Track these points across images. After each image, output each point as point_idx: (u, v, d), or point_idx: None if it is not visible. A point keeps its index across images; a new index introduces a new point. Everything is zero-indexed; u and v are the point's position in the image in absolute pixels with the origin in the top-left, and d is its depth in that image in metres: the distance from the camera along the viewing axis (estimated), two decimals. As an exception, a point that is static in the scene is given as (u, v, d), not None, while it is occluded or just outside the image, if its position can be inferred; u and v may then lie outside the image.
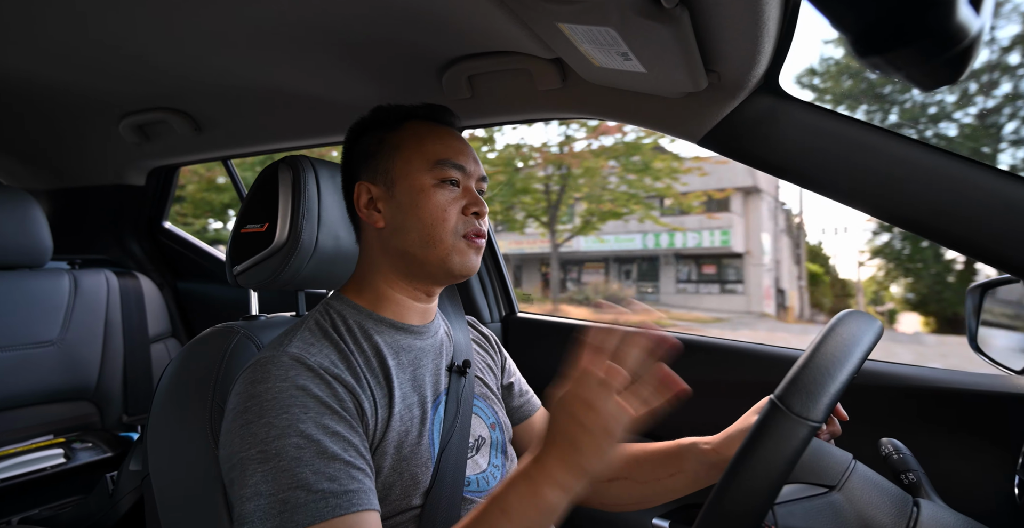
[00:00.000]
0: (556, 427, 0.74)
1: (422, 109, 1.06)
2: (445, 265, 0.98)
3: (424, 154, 0.99)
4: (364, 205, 1.02)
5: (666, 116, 1.20)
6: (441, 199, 0.98)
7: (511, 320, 1.88)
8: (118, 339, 1.99)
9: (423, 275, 1.00)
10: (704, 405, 1.46)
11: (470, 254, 0.99)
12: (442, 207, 0.97)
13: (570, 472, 0.73)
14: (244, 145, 1.82)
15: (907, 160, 1.00)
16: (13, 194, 1.76)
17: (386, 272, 1.01)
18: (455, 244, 0.98)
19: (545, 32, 0.97)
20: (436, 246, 0.97)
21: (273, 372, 0.83)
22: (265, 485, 0.75)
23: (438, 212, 0.97)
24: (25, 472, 1.63)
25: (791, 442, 0.62)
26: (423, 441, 0.93)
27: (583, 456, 0.72)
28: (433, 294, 1.05)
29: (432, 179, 0.98)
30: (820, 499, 0.74)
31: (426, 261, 0.98)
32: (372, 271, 1.02)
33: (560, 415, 0.74)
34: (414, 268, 1.00)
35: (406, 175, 0.99)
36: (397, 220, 0.99)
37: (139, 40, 1.19)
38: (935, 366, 1.29)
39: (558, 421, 0.74)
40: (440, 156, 0.99)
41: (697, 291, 21.91)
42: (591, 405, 0.71)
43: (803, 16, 0.98)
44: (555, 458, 0.73)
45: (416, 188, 0.98)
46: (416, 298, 1.03)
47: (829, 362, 0.66)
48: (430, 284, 1.03)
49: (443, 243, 0.97)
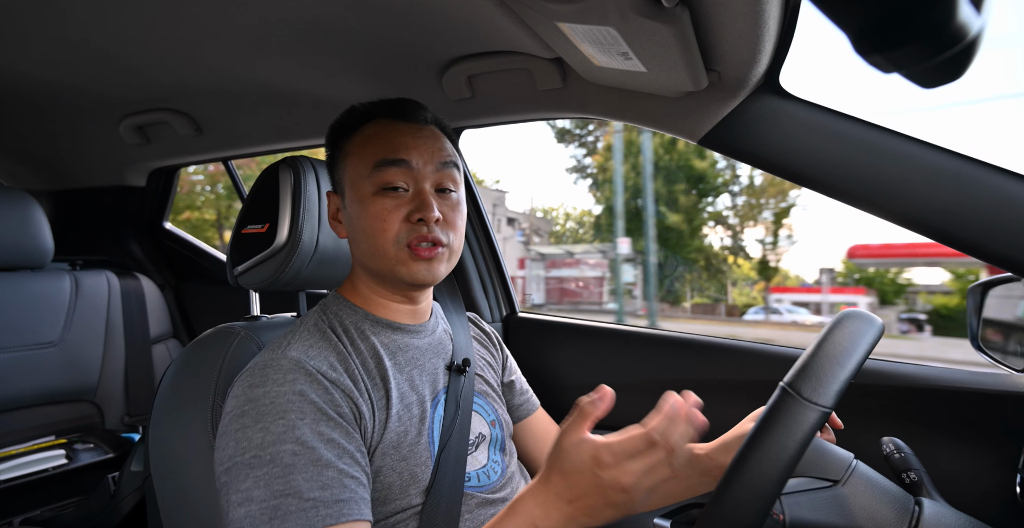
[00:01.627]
0: (575, 481, 0.71)
1: (383, 106, 1.01)
2: (394, 275, 0.95)
3: (364, 159, 0.95)
4: (332, 216, 1.02)
5: (666, 115, 1.20)
6: (379, 208, 0.93)
7: (512, 319, 1.88)
8: (119, 340, 1.99)
9: (386, 283, 0.99)
10: (707, 404, 1.46)
11: (416, 265, 0.94)
12: (381, 217, 0.93)
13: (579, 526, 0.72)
14: (244, 146, 1.82)
15: (909, 159, 1.00)
16: (14, 195, 1.76)
17: (365, 278, 1.01)
18: (397, 255, 0.93)
19: (545, 32, 0.97)
20: (380, 258, 0.94)
21: (271, 376, 0.83)
22: (257, 491, 0.75)
23: (377, 223, 0.93)
24: (27, 473, 1.63)
25: (801, 426, 0.62)
26: (422, 440, 0.93)
27: (599, 519, 0.71)
28: (414, 298, 1.03)
29: (372, 186, 0.94)
30: (826, 492, 0.74)
31: (378, 271, 0.96)
32: (357, 276, 1.03)
33: (585, 479, 0.70)
34: (376, 277, 0.99)
35: (351, 184, 0.97)
36: (351, 231, 0.98)
37: (139, 41, 1.19)
38: (938, 365, 1.28)
39: (581, 484, 0.71)
40: (378, 156, 0.94)
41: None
42: (627, 489, 0.69)
43: (804, 15, 0.98)
44: (568, 517, 0.72)
45: (359, 197, 0.95)
46: (399, 301, 1.03)
47: (838, 351, 0.67)
48: (401, 289, 1.00)
49: (386, 255, 0.94)
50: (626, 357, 1.61)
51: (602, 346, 1.66)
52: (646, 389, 1.56)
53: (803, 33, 1.00)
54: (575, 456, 0.71)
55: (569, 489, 0.71)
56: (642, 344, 1.61)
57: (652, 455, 0.69)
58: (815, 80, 59.49)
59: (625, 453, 0.69)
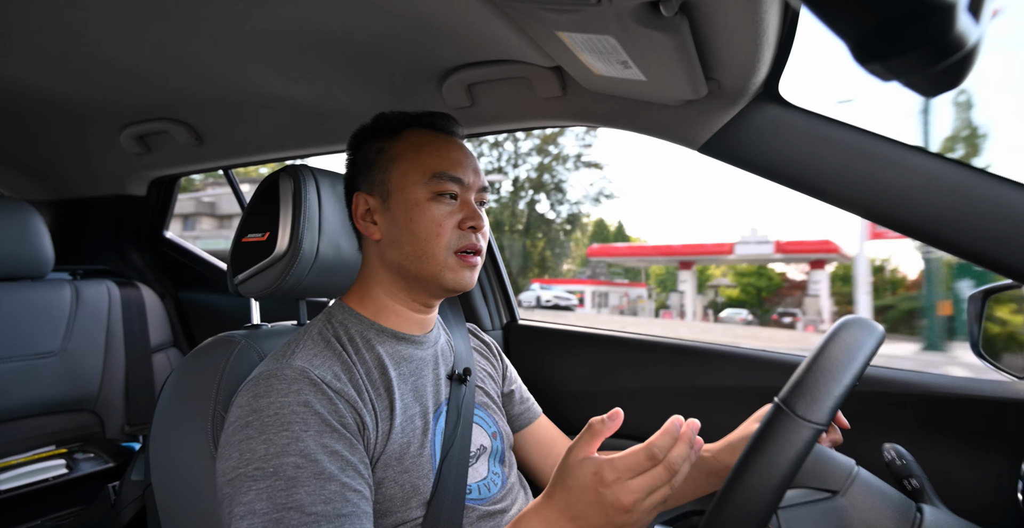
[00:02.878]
0: (581, 499, 0.72)
1: (423, 117, 1.04)
2: (438, 280, 0.97)
3: (420, 166, 0.98)
4: (361, 216, 1.01)
5: (666, 124, 1.20)
6: (436, 213, 0.96)
7: (512, 327, 1.88)
8: (119, 349, 1.99)
9: (419, 288, 1.00)
10: (705, 411, 1.46)
11: (463, 271, 0.98)
12: (437, 221, 0.96)
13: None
14: (245, 155, 1.82)
15: (908, 167, 1.00)
16: (14, 205, 1.76)
17: (385, 283, 1.01)
18: (447, 260, 0.96)
19: (545, 40, 0.98)
20: (429, 261, 0.96)
21: (276, 386, 0.83)
22: (259, 504, 0.75)
23: (432, 227, 0.96)
24: (27, 483, 1.62)
25: (795, 444, 0.62)
26: (424, 452, 0.93)
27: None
28: (432, 306, 1.05)
29: (427, 192, 0.96)
30: (824, 504, 0.74)
31: (420, 275, 0.97)
32: (372, 281, 1.02)
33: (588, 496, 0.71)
34: (410, 281, 0.99)
35: (402, 188, 0.98)
36: (392, 233, 0.98)
37: (139, 51, 1.20)
38: (937, 372, 1.28)
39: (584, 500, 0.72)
40: (437, 169, 0.97)
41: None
42: (628, 509, 0.69)
43: (803, 24, 0.98)
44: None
45: (411, 201, 0.97)
46: (415, 310, 1.03)
47: (833, 366, 0.67)
48: (427, 297, 1.02)
49: (436, 259, 0.96)
50: (626, 364, 1.61)
51: (602, 353, 1.66)
52: (647, 396, 1.56)
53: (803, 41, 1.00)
54: (579, 472, 0.72)
55: (571, 507, 0.72)
56: (642, 351, 1.61)
57: (653, 473, 0.70)
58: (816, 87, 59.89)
59: (628, 469, 0.70)
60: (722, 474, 1.01)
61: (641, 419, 1.54)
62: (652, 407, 1.53)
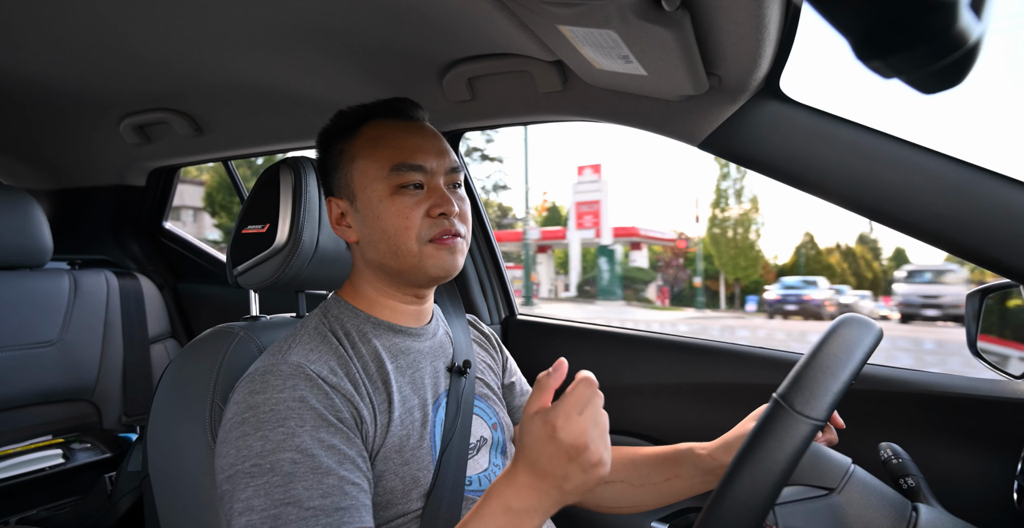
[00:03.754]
0: (542, 453, 0.72)
1: (379, 106, 1.01)
2: (420, 271, 0.95)
3: (378, 161, 0.95)
4: (336, 221, 1.00)
5: (666, 119, 1.20)
6: (401, 206, 0.93)
7: (511, 322, 1.88)
8: (118, 340, 1.99)
9: (405, 282, 0.99)
10: (703, 408, 1.46)
11: (442, 255, 0.95)
12: (403, 214, 0.93)
13: (552, 501, 0.73)
14: (244, 146, 1.82)
15: (908, 164, 1.00)
16: (13, 194, 1.76)
17: (373, 281, 1.01)
18: (422, 250, 0.94)
19: (546, 34, 0.97)
20: (405, 256, 0.94)
21: (272, 382, 0.83)
22: (257, 500, 0.75)
23: (400, 220, 0.93)
24: (24, 472, 1.62)
25: (794, 439, 0.62)
26: (424, 444, 0.93)
27: (568, 492, 0.72)
28: (424, 296, 1.04)
29: (389, 187, 0.94)
30: (820, 501, 0.74)
31: (401, 270, 0.96)
32: (361, 279, 1.02)
33: (551, 447, 0.71)
34: (394, 277, 0.98)
35: (364, 186, 0.96)
36: (365, 233, 0.97)
37: (140, 41, 1.19)
38: (935, 370, 1.28)
39: (545, 450, 0.72)
40: (394, 160, 0.94)
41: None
42: (585, 445, 0.70)
43: (804, 19, 0.98)
44: (539, 490, 0.73)
45: (375, 199, 0.94)
46: (408, 301, 1.02)
47: (831, 362, 0.67)
48: (416, 288, 1.01)
49: (411, 252, 0.94)
50: (625, 359, 1.61)
51: (601, 348, 1.66)
52: (645, 392, 1.56)
53: (804, 37, 1.00)
54: (532, 428, 0.72)
55: (534, 464, 0.72)
56: (641, 346, 1.61)
57: (593, 401, 0.73)
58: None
59: (574, 406, 0.71)
60: (718, 473, 1.01)
61: (639, 415, 1.55)
62: (650, 403, 1.53)
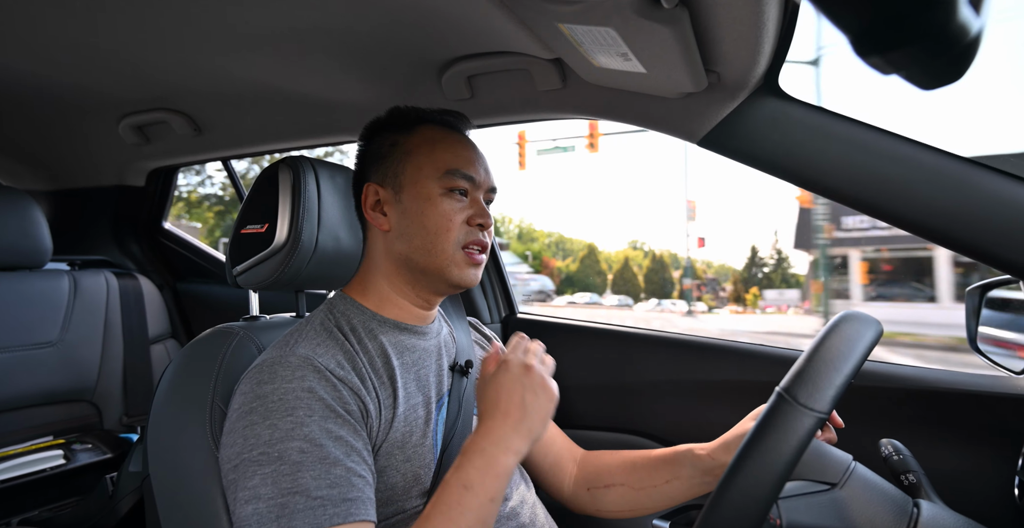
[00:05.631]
0: (498, 395, 0.86)
1: (436, 114, 1.06)
2: (444, 274, 0.98)
3: (435, 162, 0.99)
4: (371, 207, 1.02)
5: (666, 116, 1.20)
6: (447, 208, 0.98)
7: (511, 321, 1.88)
8: (118, 340, 1.98)
9: (424, 282, 1.01)
10: (704, 406, 1.46)
11: (468, 269, 0.99)
12: (447, 216, 0.97)
13: (521, 436, 0.84)
14: (244, 146, 1.82)
15: (908, 161, 0.99)
16: (13, 195, 1.76)
17: (390, 275, 1.02)
18: (454, 255, 0.98)
19: (545, 32, 0.97)
20: (437, 255, 0.97)
21: (280, 373, 0.83)
22: (264, 488, 0.75)
23: (443, 221, 0.97)
24: (25, 473, 1.62)
25: (798, 432, 0.62)
26: (426, 442, 0.94)
27: (531, 419, 0.85)
28: (433, 303, 1.06)
29: (440, 188, 0.98)
30: (823, 495, 0.74)
31: (426, 269, 0.98)
32: (375, 272, 1.02)
33: (503, 381, 0.87)
34: (416, 274, 1.00)
35: (415, 182, 0.99)
36: (402, 225, 0.99)
37: (139, 41, 1.19)
38: (936, 367, 1.28)
39: (502, 388, 0.86)
40: (450, 165, 0.99)
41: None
42: (530, 368, 0.88)
43: (803, 16, 0.98)
44: (506, 426, 0.84)
45: (424, 195, 0.98)
46: (417, 304, 1.04)
47: (834, 356, 0.67)
48: (430, 293, 1.03)
49: (444, 253, 0.97)
50: (625, 358, 1.61)
51: (601, 347, 1.66)
52: (645, 390, 1.56)
53: (802, 34, 1.00)
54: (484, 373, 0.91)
55: (495, 404, 0.86)
56: (641, 345, 1.61)
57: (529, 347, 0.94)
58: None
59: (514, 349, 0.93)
60: (717, 473, 1.01)
61: (640, 413, 1.55)
62: (651, 401, 1.53)
